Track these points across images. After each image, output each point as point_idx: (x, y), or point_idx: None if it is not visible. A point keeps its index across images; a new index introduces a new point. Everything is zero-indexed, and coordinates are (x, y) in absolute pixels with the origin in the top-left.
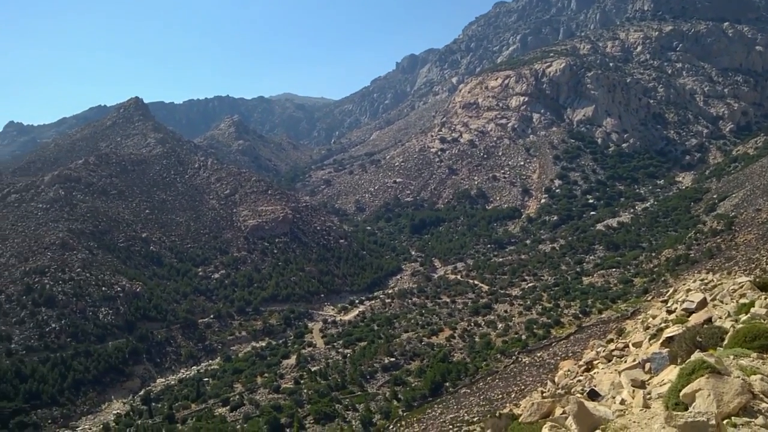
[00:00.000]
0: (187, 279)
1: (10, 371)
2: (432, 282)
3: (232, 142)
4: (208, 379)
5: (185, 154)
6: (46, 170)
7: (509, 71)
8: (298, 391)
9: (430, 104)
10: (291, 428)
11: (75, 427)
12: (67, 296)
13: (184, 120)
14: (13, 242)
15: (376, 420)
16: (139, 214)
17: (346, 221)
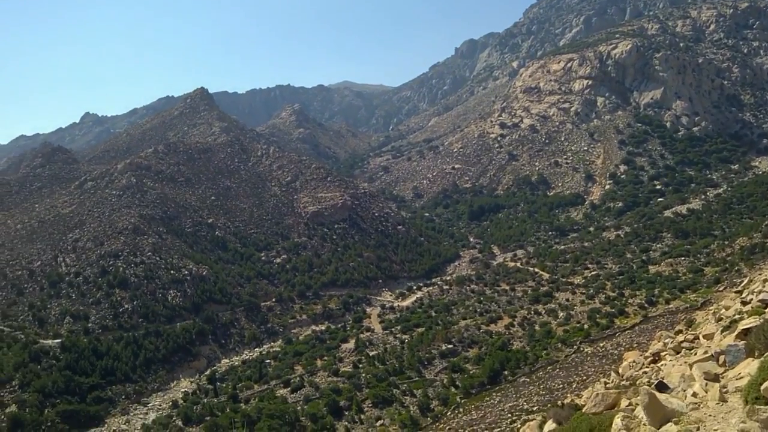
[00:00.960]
0: (251, 263)
1: (87, 349)
2: (491, 269)
3: (292, 130)
4: (270, 361)
5: (248, 142)
6: (119, 159)
7: (572, 54)
8: (357, 375)
9: (490, 89)
10: (350, 411)
11: (146, 403)
12: (139, 279)
13: (247, 109)
14: (89, 227)
15: (434, 406)
16: (205, 201)
17: (404, 208)
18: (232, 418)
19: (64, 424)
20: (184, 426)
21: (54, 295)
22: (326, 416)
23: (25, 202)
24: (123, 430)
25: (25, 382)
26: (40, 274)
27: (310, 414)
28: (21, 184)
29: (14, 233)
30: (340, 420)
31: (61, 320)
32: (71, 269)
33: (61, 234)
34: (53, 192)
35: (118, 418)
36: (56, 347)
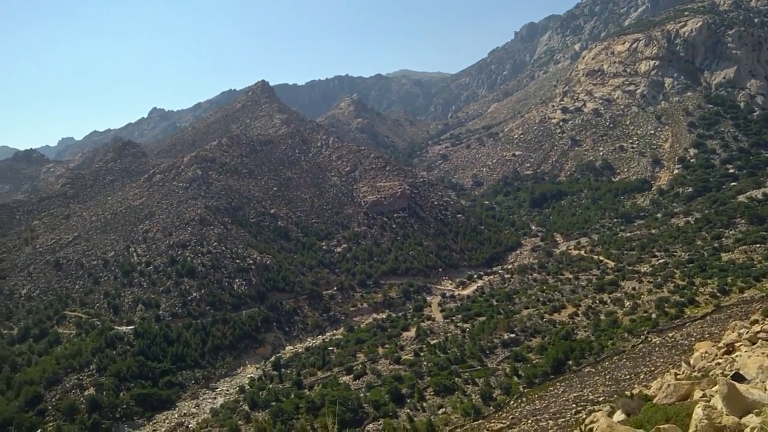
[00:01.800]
0: (312, 252)
1: (159, 335)
2: (553, 257)
3: (351, 120)
4: (333, 348)
5: (308, 133)
6: (185, 152)
7: (638, 34)
8: (418, 363)
9: (551, 73)
10: (412, 399)
11: (215, 388)
12: (206, 268)
13: (307, 100)
14: (159, 218)
15: (496, 395)
16: (268, 191)
17: (464, 196)
18: (296, 404)
19: (138, 406)
20: (250, 411)
21: (127, 284)
22: (388, 403)
23: (99, 195)
24: (193, 413)
25: (102, 366)
26: (114, 263)
27: (373, 401)
28: (95, 178)
29: (90, 225)
30: (402, 407)
31: (133, 308)
32: (142, 259)
33: (132, 225)
34: (124, 185)
35: (189, 402)
36: (130, 334)
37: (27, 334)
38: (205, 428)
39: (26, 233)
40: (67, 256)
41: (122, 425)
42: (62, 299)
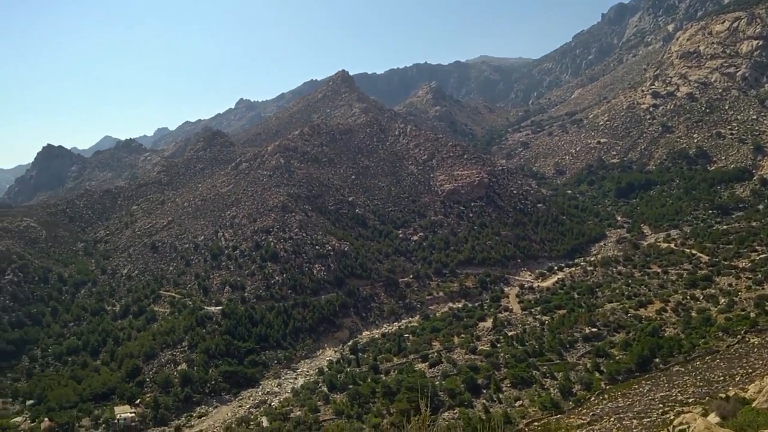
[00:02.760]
0: (389, 240)
1: (244, 316)
2: (640, 250)
3: (429, 108)
4: (408, 335)
5: (386, 121)
6: (269, 141)
7: (739, 12)
8: (495, 354)
9: (641, 56)
10: (488, 389)
11: (296, 369)
12: (288, 253)
13: (385, 89)
14: (244, 205)
15: (576, 390)
16: (346, 180)
17: (545, 185)
18: (372, 388)
19: (226, 383)
20: (329, 392)
21: (215, 267)
22: (464, 392)
23: (190, 182)
24: (275, 392)
25: (193, 343)
26: (204, 247)
27: (448, 389)
28: (186, 166)
29: (182, 210)
30: (478, 397)
31: (221, 289)
32: (229, 243)
33: (220, 211)
34: (213, 173)
35: (271, 381)
36: (218, 314)
37: (127, 310)
38: (287, 407)
39: (126, 217)
40: (162, 239)
41: (211, 399)
42: (158, 279)
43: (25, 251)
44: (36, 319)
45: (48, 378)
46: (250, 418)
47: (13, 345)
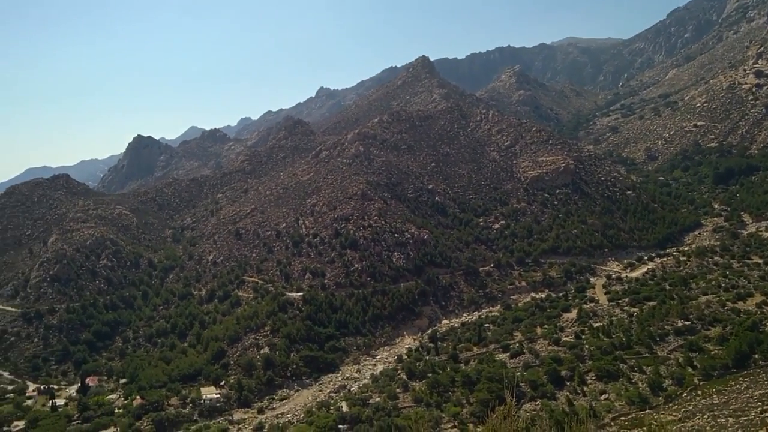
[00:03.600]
0: (469, 228)
1: (324, 303)
2: (740, 240)
3: (512, 92)
4: (489, 325)
5: (467, 107)
6: (349, 129)
7: None
8: (579, 346)
9: (743, 33)
10: (572, 382)
11: (375, 356)
12: (367, 241)
13: (466, 74)
14: (324, 193)
15: (667, 385)
16: (426, 167)
17: (635, 171)
18: (452, 377)
19: (306, 367)
20: (408, 380)
21: (296, 254)
22: (546, 384)
23: (272, 171)
24: (355, 378)
25: (275, 328)
26: (285, 234)
27: (530, 380)
28: (269, 155)
29: (264, 198)
30: (561, 389)
31: (302, 276)
32: (310, 231)
33: (301, 199)
34: (294, 161)
35: (351, 366)
36: (299, 300)
37: (213, 295)
38: (366, 393)
39: (212, 205)
40: (245, 226)
41: (292, 383)
42: (241, 265)
43: (118, 237)
44: (128, 302)
45: (139, 358)
46: (330, 402)
47: (108, 326)
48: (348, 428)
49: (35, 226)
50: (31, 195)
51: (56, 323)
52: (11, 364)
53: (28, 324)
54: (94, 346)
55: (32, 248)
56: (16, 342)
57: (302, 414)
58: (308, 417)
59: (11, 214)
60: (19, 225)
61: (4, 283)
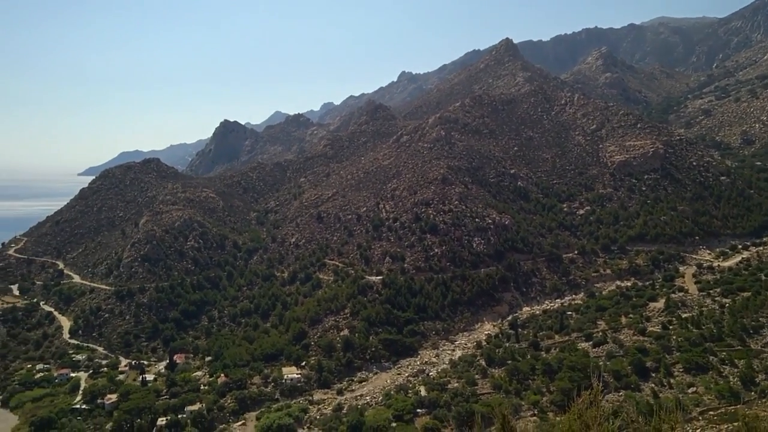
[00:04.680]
0: (552, 214)
1: (403, 287)
2: None
3: (598, 75)
4: (571, 313)
5: (551, 91)
6: (430, 113)
7: None
8: (666, 337)
9: None
10: (657, 373)
11: (453, 341)
12: (447, 225)
13: (551, 56)
14: (405, 177)
15: (760, 380)
16: (508, 152)
17: (729, 156)
18: (532, 365)
19: (385, 350)
20: (487, 366)
21: (376, 238)
22: (630, 375)
23: (354, 155)
24: (433, 362)
25: (354, 311)
26: (366, 218)
27: (613, 371)
28: (350, 140)
29: (345, 183)
30: (646, 381)
31: (382, 259)
32: (390, 215)
33: (381, 183)
34: (375, 146)
35: (429, 351)
36: (378, 283)
37: (295, 277)
38: (444, 378)
39: (294, 189)
40: (327, 210)
41: (371, 366)
42: (323, 248)
43: (205, 219)
44: (214, 282)
45: (224, 337)
46: (409, 386)
47: (195, 306)
48: (426, 412)
49: (127, 208)
50: (124, 178)
51: (146, 301)
52: (105, 340)
53: (121, 302)
54: (182, 324)
55: (124, 229)
56: (109, 319)
57: (381, 397)
58: (387, 400)
59: (105, 197)
60: (113, 207)
61: (99, 263)
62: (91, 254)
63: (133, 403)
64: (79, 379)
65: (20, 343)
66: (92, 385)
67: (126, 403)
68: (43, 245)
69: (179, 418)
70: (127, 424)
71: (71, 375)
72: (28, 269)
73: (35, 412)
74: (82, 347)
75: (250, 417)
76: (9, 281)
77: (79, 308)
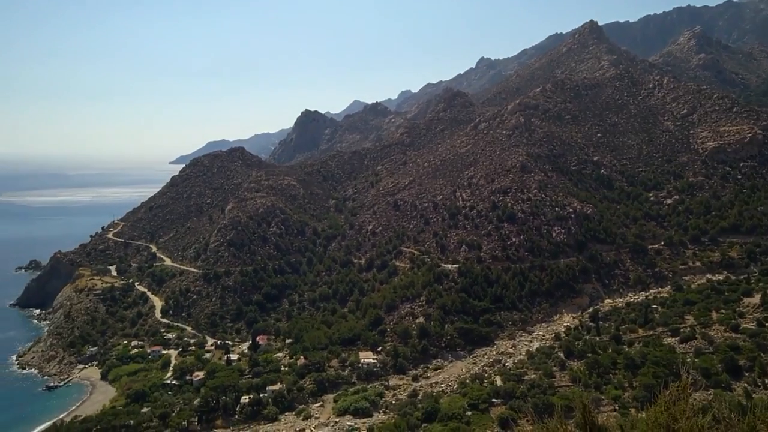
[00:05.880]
0: (637, 203)
1: (480, 276)
2: None
3: (691, 56)
4: (657, 307)
5: (639, 74)
6: (509, 100)
7: None
8: (762, 334)
9: None
10: (751, 372)
11: (531, 332)
12: (525, 214)
13: (639, 37)
14: (482, 165)
15: None
16: (591, 138)
17: None
18: (613, 359)
19: (460, 339)
20: (565, 358)
21: (452, 226)
22: (721, 373)
23: (431, 143)
24: (509, 353)
25: (430, 299)
26: (442, 206)
27: (702, 368)
28: (427, 127)
29: (422, 170)
30: (738, 380)
31: (458, 248)
32: (467, 203)
33: (458, 171)
34: (453, 133)
35: (506, 341)
36: (454, 272)
37: (371, 264)
38: (521, 369)
39: (372, 177)
40: (403, 198)
41: (446, 354)
42: (399, 236)
43: (287, 206)
44: (294, 267)
45: (303, 321)
46: (484, 375)
47: (276, 289)
48: (502, 403)
49: (214, 195)
50: (211, 166)
51: (231, 284)
52: (193, 320)
53: (208, 284)
54: (264, 307)
55: (212, 215)
56: (197, 300)
57: (456, 385)
58: (462, 388)
59: (194, 184)
60: (201, 194)
61: (188, 246)
62: (181, 238)
63: (219, 381)
64: (170, 356)
65: (118, 320)
66: (181, 362)
67: (212, 380)
68: (138, 229)
69: (261, 397)
70: (213, 400)
71: (163, 352)
72: (125, 252)
73: (131, 385)
74: (172, 326)
75: (327, 399)
76: (108, 263)
77: (169, 289)
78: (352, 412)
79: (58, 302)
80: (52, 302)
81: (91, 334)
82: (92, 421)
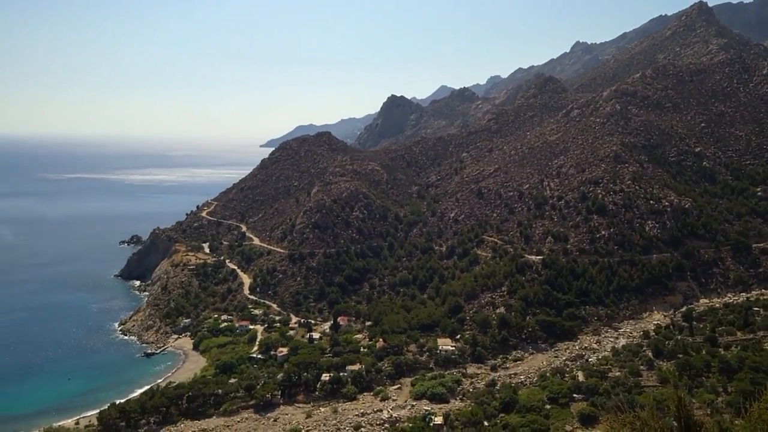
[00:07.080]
0: (743, 199)
1: (565, 268)
2: None
3: None
4: (759, 309)
5: (751, 59)
6: (605, 86)
7: None
8: None
9: None
10: None
11: (617, 328)
12: (617, 207)
13: (754, 20)
14: (573, 153)
15: None
16: (693, 128)
17: None
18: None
19: (542, 332)
20: (654, 358)
21: (538, 216)
22: None
23: (519, 130)
24: (593, 348)
25: (512, 289)
26: (528, 195)
27: None
28: (516, 114)
29: (509, 158)
30: None
31: (543, 239)
32: (554, 193)
33: (547, 160)
34: (542, 120)
35: (590, 336)
36: (538, 263)
37: (452, 251)
38: (605, 365)
39: (456, 164)
40: (488, 186)
41: (527, 346)
42: (482, 224)
43: (370, 191)
44: (375, 251)
45: (383, 304)
46: (566, 370)
47: (357, 272)
48: (583, 398)
49: (301, 178)
50: (299, 150)
51: (315, 265)
52: (278, 298)
53: (293, 264)
54: (345, 289)
55: (298, 197)
56: (282, 279)
57: (535, 377)
58: (542, 381)
59: (282, 167)
60: (289, 176)
61: (276, 227)
62: (269, 219)
63: (301, 358)
64: (256, 331)
65: (209, 295)
66: (267, 337)
67: (295, 357)
68: (230, 209)
69: (341, 376)
70: (296, 375)
71: (249, 327)
72: (217, 230)
73: (219, 357)
74: (259, 303)
75: (405, 382)
76: (201, 240)
77: (257, 268)
78: (428, 397)
79: (156, 275)
80: (151, 275)
81: (185, 307)
82: (185, 387)
